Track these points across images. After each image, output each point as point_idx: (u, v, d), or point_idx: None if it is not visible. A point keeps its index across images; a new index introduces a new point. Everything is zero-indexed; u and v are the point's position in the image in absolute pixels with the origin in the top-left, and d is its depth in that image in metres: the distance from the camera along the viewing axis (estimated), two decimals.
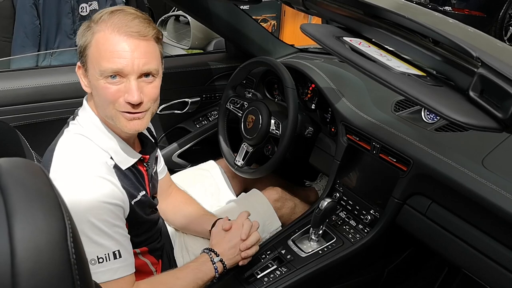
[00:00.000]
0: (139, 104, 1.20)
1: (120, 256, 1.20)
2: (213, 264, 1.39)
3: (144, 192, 1.34)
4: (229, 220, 1.52)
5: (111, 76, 1.17)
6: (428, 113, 1.59)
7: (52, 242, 0.53)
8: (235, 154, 1.97)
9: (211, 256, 1.40)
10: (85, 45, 1.20)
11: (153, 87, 1.23)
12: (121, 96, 1.19)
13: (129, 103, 1.19)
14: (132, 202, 1.29)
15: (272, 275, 1.53)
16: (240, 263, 1.46)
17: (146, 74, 1.21)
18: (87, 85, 1.25)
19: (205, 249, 1.44)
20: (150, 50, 1.21)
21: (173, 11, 2.88)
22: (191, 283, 1.33)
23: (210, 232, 1.53)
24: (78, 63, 1.26)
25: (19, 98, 1.79)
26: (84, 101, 1.32)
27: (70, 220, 0.55)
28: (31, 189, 0.55)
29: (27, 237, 0.52)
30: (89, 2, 3.14)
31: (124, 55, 1.16)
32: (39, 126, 1.82)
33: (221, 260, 1.40)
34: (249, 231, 1.47)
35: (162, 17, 2.67)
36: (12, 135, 1.62)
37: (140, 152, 1.36)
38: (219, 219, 1.56)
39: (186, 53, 2.71)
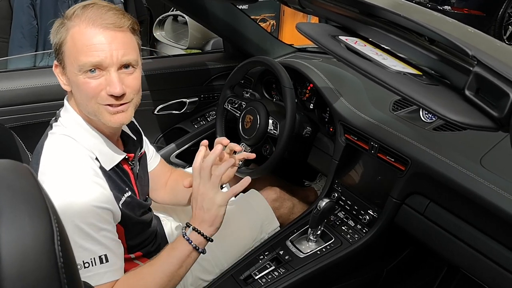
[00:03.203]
0: (122, 96, 1.18)
1: (107, 261, 1.16)
2: (184, 236, 1.23)
3: (129, 193, 1.31)
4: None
5: (90, 70, 1.15)
6: (426, 112, 1.58)
7: (38, 246, 0.52)
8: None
9: (183, 230, 1.25)
10: (60, 42, 1.18)
11: (134, 78, 1.21)
12: (102, 89, 1.16)
13: (111, 95, 1.17)
14: (120, 205, 1.26)
15: (270, 276, 1.52)
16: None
17: (126, 66, 1.19)
18: (66, 83, 1.23)
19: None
20: (127, 41, 1.19)
21: (172, 11, 2.87)
22: (166, 265, 1.21)
23: None
24: (55, 62, 1.23)
25: (15, 99, 1.78)
26: (65, 101, 1.29)
27: (58, 223, 0.54)
28: (17, 191, 0.54)
29: (13, 240, 0.51)
30: None
31: (102, 47, 1.14)
32: (34, 127, 1.80)
33: (194, 229, 1.23)
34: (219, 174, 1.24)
35: (160, 17, 2.66)
36: (7, 136, 1.61)
37: (123, 151, 1.33)
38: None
39: (184, 53, 2.70)
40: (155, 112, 2.23)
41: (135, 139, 1.44)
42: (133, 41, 1.22)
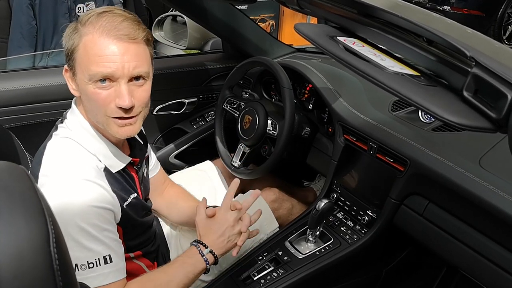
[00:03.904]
0: (131, 108, 1.18)
1: (111, 261, 1.18)
2: (202, 256, 1.34)
3: (135, 195, 1.33)
4: (213, 206, 1.48)
5: (100, 80, 1.15)
6: (425, 113, 1.58)
7: (34, 248, 0.51)
8: (232, 155, 1.96)
9: (199, 248, 1.35)
10: (72, 48, 1.17)
11: (143, 90, 1.21)
12: (111, 101, 1.17)
13: (120, 108, 1.17)
14: (124, 206, 1.27)
15: (269, 277, 1.52)
16: (234, 253, 1.42)
17: (137, 78, 1.19)
18: (75, 88, 1.23)
19: (193, 241, 1.39)
20: (140, 53, 1.18)
21: (171, 11, 2.87)
22: (180, 277, 1.29)
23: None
24: (65, 66, 1.23)
25: (13, 99, 1.78)
26: (73, 104, 1.29)
27: (54, 225, 0.54)
28: (13, 193, 0.54)
29: (9, 242, 0.50)
30: (86, 2, 3.13)
31: (113, 59, 1.13)
32: (33, 128, 1.81)
33: (211, 251, 1.36)
34: (249, 222, 1.43)
35: (159, 17, 2.66)
36: (5, 137, 1.60)
37: (129, 155, 1.34)
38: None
39: (183, 53, 2.70)
40: (154, 113, 2.23)
41: (142, 143, 1.45)
42: (146, 53, 1.21)
